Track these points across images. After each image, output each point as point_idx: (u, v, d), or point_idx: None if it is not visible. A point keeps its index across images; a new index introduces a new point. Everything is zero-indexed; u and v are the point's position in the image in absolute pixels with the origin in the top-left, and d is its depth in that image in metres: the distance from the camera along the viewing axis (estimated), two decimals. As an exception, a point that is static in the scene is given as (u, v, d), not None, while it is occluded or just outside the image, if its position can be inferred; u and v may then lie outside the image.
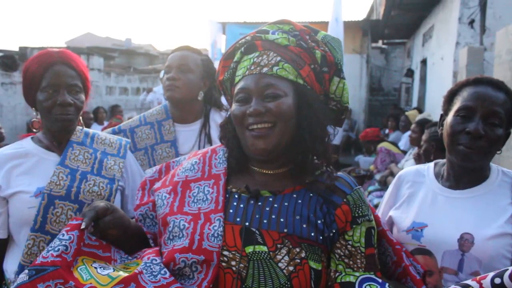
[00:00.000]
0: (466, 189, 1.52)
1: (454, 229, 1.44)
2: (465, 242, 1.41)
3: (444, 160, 1.62)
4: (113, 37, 30.75)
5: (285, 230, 1.20)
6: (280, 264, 1.15)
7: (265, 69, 1.24)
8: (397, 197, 1.65)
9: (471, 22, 6.39)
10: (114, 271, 1.16)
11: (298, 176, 1.30)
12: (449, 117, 1.53)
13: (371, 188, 5.57)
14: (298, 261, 1.16)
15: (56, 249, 1.15)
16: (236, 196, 1.28)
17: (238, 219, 1.23)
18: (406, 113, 8.42)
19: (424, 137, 3.86)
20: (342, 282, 1.21)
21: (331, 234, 1.24)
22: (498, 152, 1.52)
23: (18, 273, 1.58)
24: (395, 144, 6.23)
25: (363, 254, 1.24)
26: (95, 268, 1.17)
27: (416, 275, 1.32)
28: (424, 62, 10.70)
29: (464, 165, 1.50)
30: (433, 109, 8.61)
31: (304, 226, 1.22)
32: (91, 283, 1.11)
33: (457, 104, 1.52)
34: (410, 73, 13.17)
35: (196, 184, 1.32)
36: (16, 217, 1.66)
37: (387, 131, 9.58)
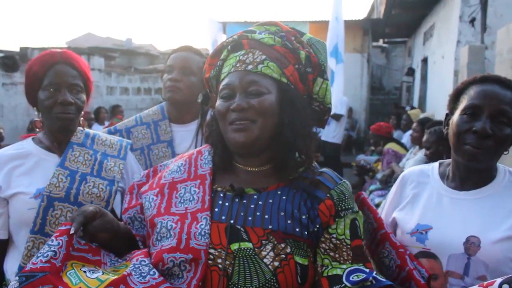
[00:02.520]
0: (472, 190, 1.47)
1: (460, 232, 1.40)
2: (471, 245, 1.37)
3: (449, 160, 1.58)
4: (113, 37, 30.78)
5: (270, 227, 1.21)
6: (265, 260, 1.16)
7: (250, 67, 1.27)
8: (401, 198, 1.61)
9: (472, 21, 6.39)
10: (103, 274, 1.16)
11: (282, 173, 1.31)
12: (455, 116, 1.49)
13: (372, 187, 5.57)
14: (284, 256, 1.17)
15: (45, 255, 1.16)
16: (221, 194, 1.30)
17: (223, 217, 1.24)
18: (408, 112, 8.42)
19: (430, 138, 3.79)
20: (329, 275, 1.20)
21: (315, 229, 1.24)
22: (505, 152, 1.47)
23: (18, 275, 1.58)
24: (402, 144, 6.15)
25: (349, 246, 1.23)
26: (84, 272, 1.16)
27: (420, 279, 1.30)
28: (425, 60, 10.70)
29: (471, 165, 1.45)
30: (434, 108, 8.61)
31: (289, 222, 1.22)
32: (80, 287, 1.11)
33: (463, 103, 1.47)
34: (411, 72, 13.18)
35: (182, 185, 1.34)
36: (15, 218, 1.65)
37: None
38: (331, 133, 7.89)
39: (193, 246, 1.18)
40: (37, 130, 1.80)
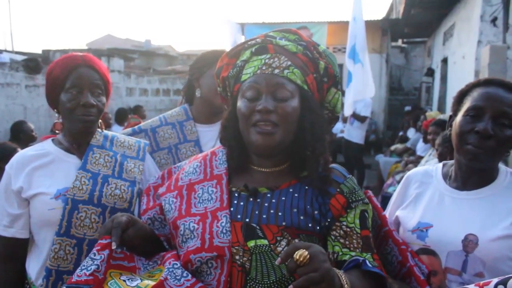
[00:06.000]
0: (473, 190, 1.50)
1: (459, 230, 1.44)
2: (469, 243, 1.41)
3: (453, 161, 1.61)
4: (133, 39, 31.09)
5: (284, 223, 1.26)
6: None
7: (276, 71, 1.31)
8: (404, 197, 1.66)
9: (494, 20, 6.26)
10: (141, 281, 1.22)
11: (294, 172, 1.37)
12: (458, 117, 1.53)
13: (390, 189, 5.51)
14: None
15: (88, 268, 1.22)
16: (236, 194, 1.34)
17: (239, 216, 1.29)
18: (426, 114, 8.32)
19: (437, 141, 3.80)
20: (338, 261, 1.25)
21: (327, 223, 1.29)
22: (507, 154, 1.50)
23: (46, 276, 1.61)
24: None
25: (359, 234, 1.29)
26: (124, 281, 1.22)
27: (420, 276, 1.34)
28: (445, 61, 10.55)
29: (472, 165, 1.49)
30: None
31: (302, 218, 1.27)
32: None
33: (466, 104, 1.51)
34: (430, 72, 12.99)
35: (200, 186, 1.39)
36: (36, 218, 1.69)
37: (401, 133, 9.43)
38: (354, 133, 7.86)
39: (217, 245, 1.24)
40: (57, 132, 1.83)
